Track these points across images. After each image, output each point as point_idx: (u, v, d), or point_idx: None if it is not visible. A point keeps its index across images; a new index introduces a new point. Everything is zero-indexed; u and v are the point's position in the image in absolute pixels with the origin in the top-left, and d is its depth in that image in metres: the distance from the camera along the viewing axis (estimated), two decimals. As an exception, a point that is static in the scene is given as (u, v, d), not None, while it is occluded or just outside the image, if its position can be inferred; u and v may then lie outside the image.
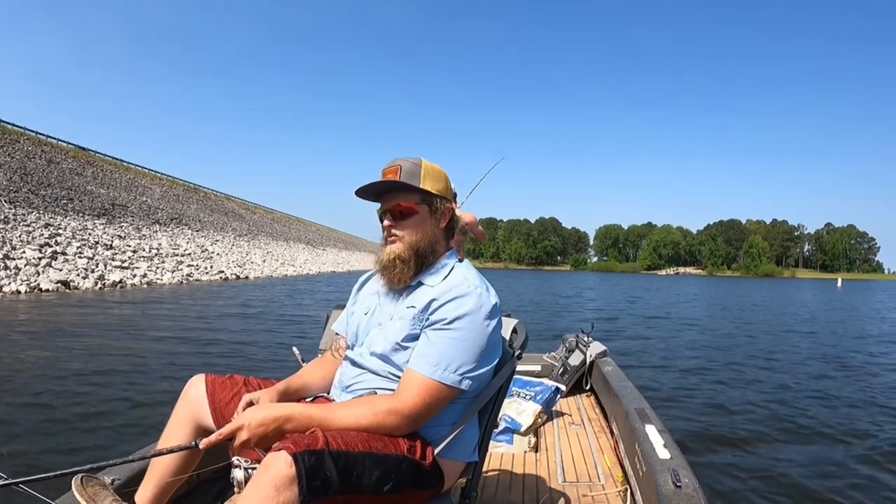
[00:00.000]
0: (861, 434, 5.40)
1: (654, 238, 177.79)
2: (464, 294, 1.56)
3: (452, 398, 1.57)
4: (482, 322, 1.56)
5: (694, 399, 6.63)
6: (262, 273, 36.88)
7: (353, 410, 1.49)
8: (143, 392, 5.83)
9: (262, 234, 59.46)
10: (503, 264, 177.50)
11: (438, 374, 1.50)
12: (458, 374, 1.52)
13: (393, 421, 1.48)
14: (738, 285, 62.55)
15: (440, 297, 1.58)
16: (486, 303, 1.58)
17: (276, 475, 1.21)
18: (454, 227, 1.75)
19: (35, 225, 23.50)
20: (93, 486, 1.70)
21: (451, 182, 1.76)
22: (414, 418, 1.50)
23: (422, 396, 1.50)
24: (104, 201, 35.28)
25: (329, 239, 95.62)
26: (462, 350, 1.53)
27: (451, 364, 1.52)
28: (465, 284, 1.59)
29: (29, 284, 16.86)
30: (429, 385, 1.50)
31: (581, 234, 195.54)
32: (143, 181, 50.45)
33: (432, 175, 1.69)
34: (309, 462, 1.25)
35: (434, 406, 1.53)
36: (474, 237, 4.58)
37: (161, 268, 26.41)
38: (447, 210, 1.73)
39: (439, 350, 1.53)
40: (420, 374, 1.51)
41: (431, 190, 1.68)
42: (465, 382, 1.54)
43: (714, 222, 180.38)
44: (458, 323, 1.54)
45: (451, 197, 1.76)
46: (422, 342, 1.57)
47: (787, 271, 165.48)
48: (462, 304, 1.55)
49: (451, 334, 1.54)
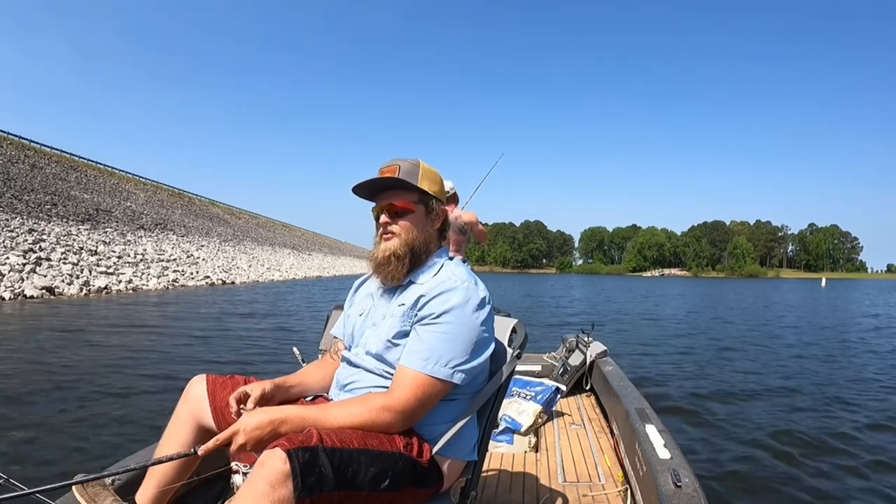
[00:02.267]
0: (862, 434, 5.39)
1: (639, 240, 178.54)
2: (451, 288, 1.57)
3: (445, 393, 1.57)
4: (470, 315, 1.56)
5: (694, 399, 6.64)
6: (249, 278, 36.63)
7: (348, 409, 1.50)
8: (138, 396, 5.78)
9: (247, 240, 59.14)
10: (488, 268, 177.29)
11: (429, 368, 1.51)
12: (450, 367, 1.53)
13: (387, 417, 1.49)
14: (723, 286, 62.88)
15: (428, 293, 1.59)
16: (474, 296, 1.59)
17: (270, 472, 1.22)
18: (446, 230, 1.77)
19: (18, 230, 23.20)
20: (93, 487, 1.70)
21: (443, 184, 1.78)
22: (408, 414, 1.51)
23: (414, 392, 1.50)
24: (88, 207, 34.92)
25: (314, 244, 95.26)
26: (452, 344, 1.53)
27: (441, 358, 1.52)
28: (453, 279, 1.60)
29: (13, 291, 16.62)
30: (421, 380, 1.51)
31: (566, 237, 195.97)
32: (127, 186, 50.03)
33: (429, 176, 1.71)
34: (303, 458, 1.26)
35: (427, 401, 1.53)
36: (476, 237, 4.59)
37: (147, 273, 26.15)
38: (441, 212, 1.75)
39: (429, 345, 1.53)
40: (411, 369, 1.51)
41: (428, 190, 1.70)
42: (458, 376, 1.54)
43: (698, 224, 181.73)
44: (445, 317, 1.54)
45: (445, 200, 1.78)
46: (412, 338, 1.58)
47: (772, 271, 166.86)
48: (449, 299, 1.56)
49: (440, 329, 1.54)
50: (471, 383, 1.66)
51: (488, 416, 1.81)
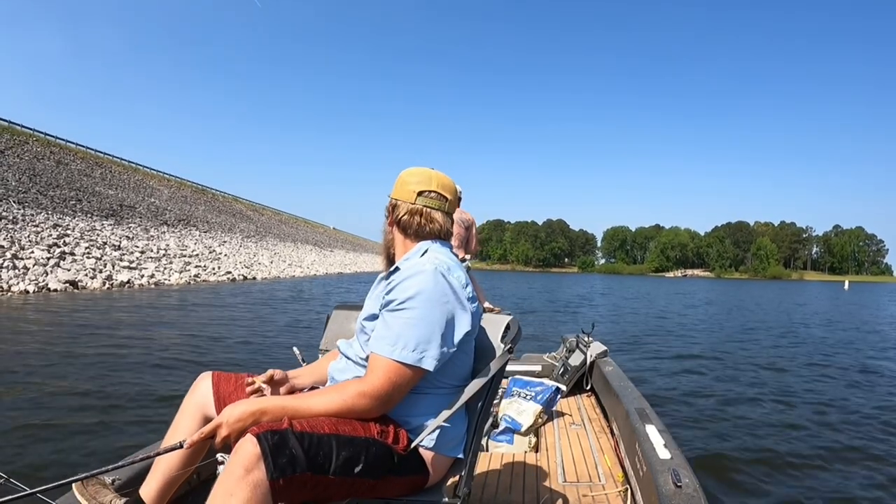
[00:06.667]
0: (862, 434, 5.38)
1: (662, 240, 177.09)
2: (415, 273, 1.59)
3: (418, 378, 1.57)
4: (436, 300, 1.57)
5: (694, 399, 6.62)
6: (270, 274, 36.99)
7: (324, 397, 1.53)
8: (148, 390, 5.87)
9: (269, 236, 59.66)
10: (510, 266, 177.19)
11: (397, 353, 1.52)
12: (417, 352, 1.53)
13: (363, 403, 1.51)
14: (745, 287, 62.23)
15: (396, 278, 1.62)
16: (440, 281, 1.60)
17: (243, 456, 1.27)
18: (401, 219, 1.77)
19: (43, 225, 23.67)
20: (94, 486, 1.72)
21: (414, 183, 1.77)
22: (384, 399, 1.53)
23: (387, 376, 1.52)
24: (112, 202, 35.50)
25: (336, 240, 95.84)
26: (417, 328, 1.54)
27: (408, 343, 1.53)
28: (420, 265, 1.62)
29: (37, 284, 16.97)
30: (390, 366, 1.52)
31: (589, 236, 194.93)
32: (151, 182, 50.74)
33: (397, 183, 1.80)
34: (272, 440, 1.30)
35: (401, 386, 1.54)
36: (472, 238, 4.57)
37: (169, 268, 26.54)
38: (391, 208, 1.82)
39: (395, 331, 1.55)
40: (381, 355, 1.53)
41: (391, 196, 1.81)
42: (427, 361, 1.54)
43: (722, 224, 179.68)
44: (410, 302, 1.56)
45: (408, 195, 1.77)
46: (379, 324, 1.61)
47: (795, 273, 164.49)
48: (413, 284, 1.57)
49: (404, 314, 1.56)
50: (452, 375, 1.68)
51: (479, 413, 1.79)
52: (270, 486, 1.27)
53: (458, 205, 4.75)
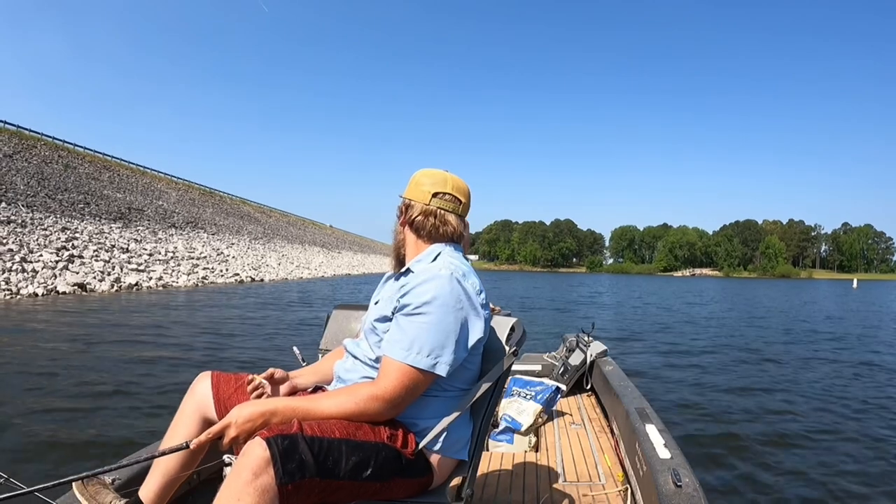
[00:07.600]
0: (863, 434, 5.36)
1: (670, 239, 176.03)
2: (431, 278, 1.58)
3: (430, 382, 1.57)
4: (451, 306, 1.57)
5: (695, 398, 6.60)
6: (278, 276, 37.10)
7: (336, 399, 1.52)
8: (152, 390, 5.91)
9: (277, 238, 59.88)
10: (518, 266, 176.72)
11: (411, 358, 1.52)
12: (432, 357, 1.53)
13: (375, 406, 1.51)
14: (754, 286, 61.95)
15: (411, 282, 1.61)
16: (456, 287, 1.59)
17: (252, 459, 1.25)
18: (414, 220, 1.76)
19: (52, 229, 23.87)
20: (94, 486, 1.72)
21: (429, 184, 1.76)
22: (395, 403, 1.53)
23: (400, 381, 1.52)
24: (120, 205, 35.73)
25: (344, 241, 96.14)
26: (431, 334, 1.54)
27: (422, 348, 1.53)
28: (436, 269, 1.61)
29: (46, 287, 17.10)
30: (404, 370, 1.52)
31: (596, 236, 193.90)
32: (159, 185, 51.02)
33: (411, 183, 1.79)
34: (283, 445, 1.28)
35: (414, 390, 1.54)
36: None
37: (177, 271, 26.68)
38: (404, 208, 1.80)
39: (409, 335, 1.54)
40: (394, 359, 1.53)
41: (403, 196, 1.80)
42: (441, 367, 1.54)
43: (730, 223, 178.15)
44: (425, 307, 1.55)
45: (423, 196, 1.76)
46: (393, 327, 1.60)
47: (804, 272, 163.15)
48: (429, 289, 1.56)
49: (419, 319, 1.55)
50: (460, 378, 1.68)
51: (484, 415, 1.80)
52: (278, 492, 1.26)
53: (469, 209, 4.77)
